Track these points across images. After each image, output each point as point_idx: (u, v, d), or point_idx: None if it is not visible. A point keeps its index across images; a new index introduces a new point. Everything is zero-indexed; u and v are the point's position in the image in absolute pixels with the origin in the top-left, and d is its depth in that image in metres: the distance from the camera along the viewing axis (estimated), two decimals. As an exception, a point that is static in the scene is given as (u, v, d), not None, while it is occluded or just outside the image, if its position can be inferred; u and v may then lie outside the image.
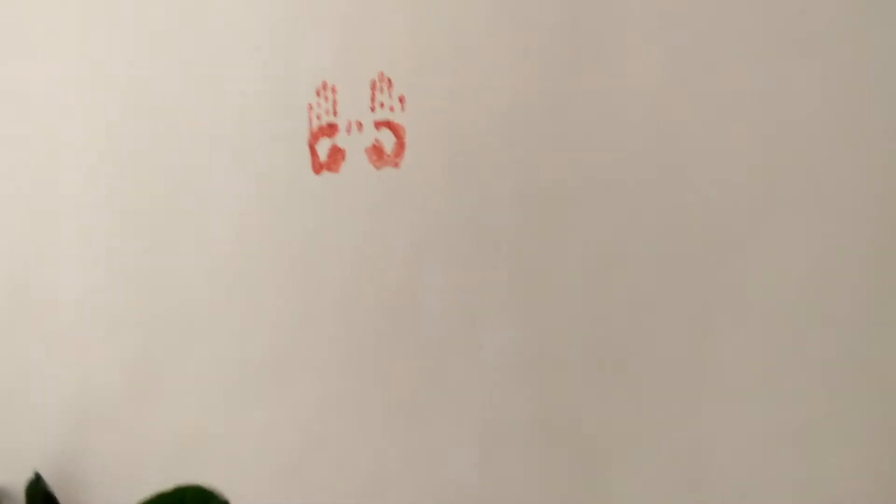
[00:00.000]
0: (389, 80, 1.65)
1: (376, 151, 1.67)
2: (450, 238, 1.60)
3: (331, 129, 1.71)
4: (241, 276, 1.81)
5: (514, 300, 1.54)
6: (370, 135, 1.67)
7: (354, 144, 1.69)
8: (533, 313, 1.52)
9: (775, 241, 1.33)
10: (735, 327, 1.36)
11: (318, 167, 1.73)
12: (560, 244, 1.51)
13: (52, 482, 1.99)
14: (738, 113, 1.36)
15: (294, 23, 1.74)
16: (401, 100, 1.64)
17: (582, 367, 1.47)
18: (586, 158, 1.48)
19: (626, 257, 1.45)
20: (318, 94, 1.72)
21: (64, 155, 2.03)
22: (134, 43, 1.93)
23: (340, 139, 1.70)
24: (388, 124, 1.65)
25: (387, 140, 1.66)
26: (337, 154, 1.71)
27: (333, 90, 1.70)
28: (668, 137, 1.42)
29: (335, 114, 1.70)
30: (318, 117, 1.72)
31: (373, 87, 1.67)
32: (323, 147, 1.72)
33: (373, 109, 1.67)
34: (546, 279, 1.51)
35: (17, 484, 2.05)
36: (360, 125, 1.68)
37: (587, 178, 1.48)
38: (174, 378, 1.88)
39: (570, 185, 1.50)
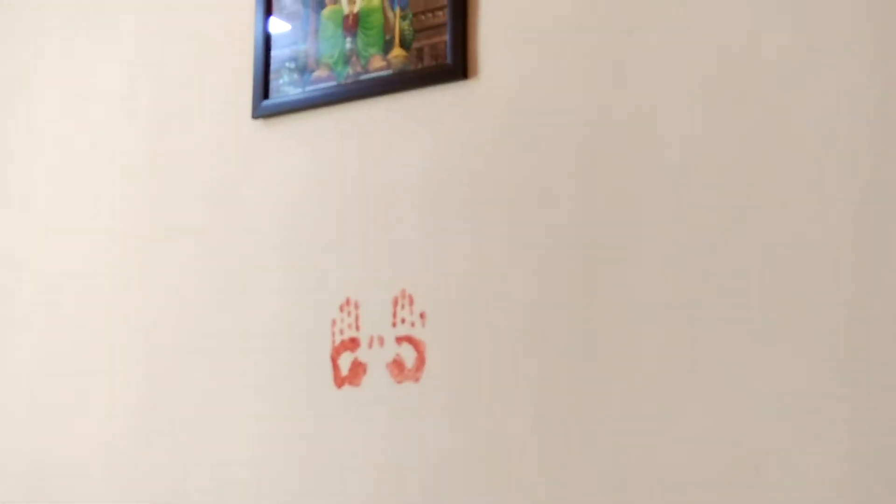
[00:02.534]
0: (411, 297, 1.70)
1: (397, 366, 1.70)
2: (470, 453, 1.60)
3: (353, 344, 1.75)
4: (263, 486, 1.80)
5: (536, 520, 1.51)
6: (391, 349, 1.71)
7: (376, 359, 1.72)
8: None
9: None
10: None
11: (339, 381, 1.75)
12: (582, 459, 1.50)
13: None
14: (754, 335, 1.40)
15: (320, 241, 1.82)
16: (422, 316, 1.69)
17: None
18: (604, 373, 1.50)
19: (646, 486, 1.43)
20: (341, 309, 1.77)
21: (90, 373, 2.07)
22: (164, 264, 2.02)
23: (362, 353, 1.74)
24: (410, 339, 1.69)
25: (408, 355, 1.69)
26: (358, 368, 1.74)
27: (357, 306, 1.76)
28: (682, 357, 1.44)
29: (358, 328, 1.75)
30: (341, 331, 1.77)
31: (395, 303, 1.72)
32: (345, 361, 1.75)
33: (394, 325, 1.71)
34: (570, 488, 1.50)
35: None
36: (381, 340, 1.72)
37: (606, 393, 1.49)
38: None
39: (589, 400, 1.51)
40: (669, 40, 1.52)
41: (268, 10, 1.96)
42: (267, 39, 1.95)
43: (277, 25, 1.95)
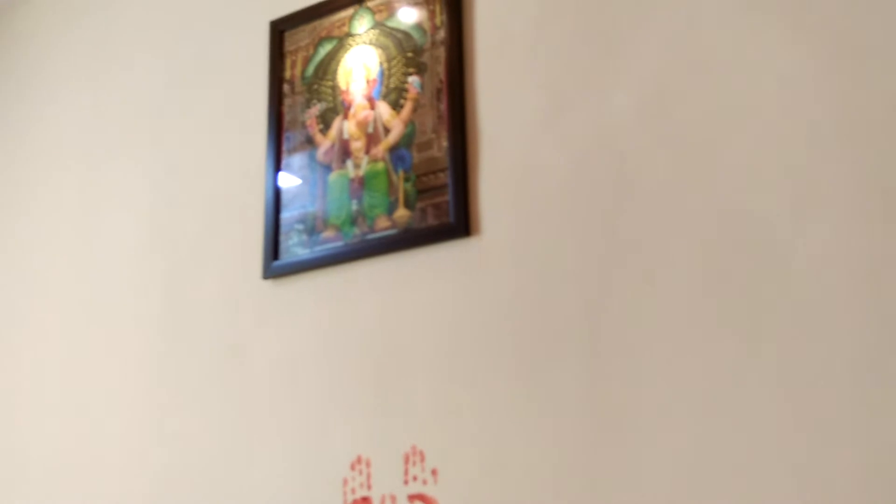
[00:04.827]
0: (422, 453, 1.70)
1: (410, 525, 1.68)
2: None
3: (365, 503, 1.73)
4: None
5: None
6: (404, 508, 1.69)
7: (388, 518, 1.70)
8: None
9: None
10: None
11: (352, 542, 1.73)
12: None
13: None
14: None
15: (330, 398, 1.84)
16: (433, 472, 1.68)
17: None
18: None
19: None
20: (352, 467, 1.77)
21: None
22: (174, 423, 2.03)
23: (375, 513, 1.72)
24: (422, 497, 1.68)
25: (420, 514, 1.67)
26: (371, 528, 1.71)
27: (368, 464, 1.75)
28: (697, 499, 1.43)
29: (369, 487, 1.74)
30: (353, 490, 1.75)
31: (406, 460, 1.71)
32: (357, 521, 1.73)
33: (406, 482, 1.70)
34: None
35: None
36: (393, 498, 1.71)
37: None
38: None
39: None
40: (663, 197, 1.58)
41: (276, 177, 2.05)
42: (277, 203, 2.03)
43: (286, 190, 2.03)
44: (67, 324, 2.31)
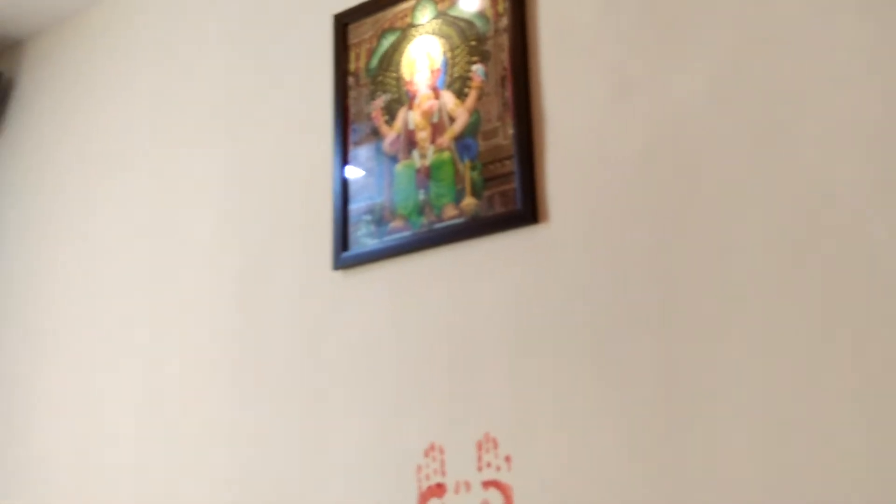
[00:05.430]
0: (495, 440, 1.71)
1: (485, 511, 1.69)
2: None
3: (439, 490, 1.75)
4: None
5: None
6: (478, 495, 1.70)
7: (463, 505, 1.72)
8: None
9: None
10: None
11: (428, 528, 1.75)
12: None
13: None
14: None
15: (402, 387, 1.86)
16: (507, 459, 1.69)
17: None
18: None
19: None
20: (426, 454, 1.79)
21: (196, 493, 2.12)
22: (250, 414, 2.08)
23: (449, 499, 1.74)
24: (496, 484, 1.69)
25: (495, 500, 1.68)
26: (446, 514, 1.73)
27: (441, 451, 1.77)
28: (772, 494, 1.41)
29: (443, 474, 1.76)
30: (427, 477, 1.78)
31: (479, 447, 1.73)
32: (432, 508, 1.76)
33: (480, 469, 1.72)
34: None
35: None
36: (468, 485, 1.72)
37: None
38: None
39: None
40: (736, 178, 1.56)
41: (344, 168, 2.07)
42: (345, 195, 2.05)
43: (354, 181, 2.06)
44: (142, 317, 2.38)
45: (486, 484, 1.70)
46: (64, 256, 2.66)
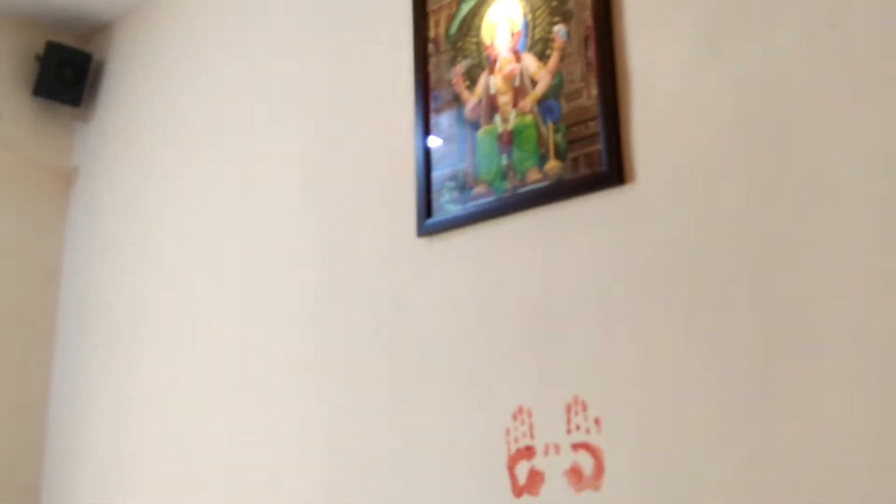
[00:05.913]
0: (584, 403, 1.70)
1: (575, 474, 1.69)
2: (658, 564, 1.55)
3: (528, 452, 1.76)
4: None
5: None
6: (568, 457, 1.70)
7: (553, 467, 1.72)
8: None
9: None
10: None
11: (517, 490, 1.76)
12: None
13: None
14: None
15: (489, 351, 1.86)
16: (596, 421, 1.68)
17: None
18: (788, 479, 1.44)
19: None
20: (514, 417, 1.79)
21: (278, 484, 2.17)
22: (337, 380, 2.11)
23: (538, 462, 1.74)
24: (586, 446, 1.69)
25: (585, 462, 1.68)
26: (536, 477, 1.74)
27: (530, 414, 1.77)
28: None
29: (532, 437, 1.76)
30: (516, 440, 1.78)
31: (567, 409, 1.72)
32: (522, 470, 1.76)
33: (569, 432, 1.71)
34: None
35: None
36: (557, 448, 1.72)
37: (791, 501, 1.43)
38: None
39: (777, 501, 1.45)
40: (833, 134, 1.50)
41: (426, 135, 2.08)
42: (427, 161, 2.06)
43: (436, 148, 2.06)
44: (231, 289, 2.44)
45: (576, 446, 1.70)
46: (153, 231, 2.74)
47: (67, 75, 3.02)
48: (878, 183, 1.44)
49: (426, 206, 2.04)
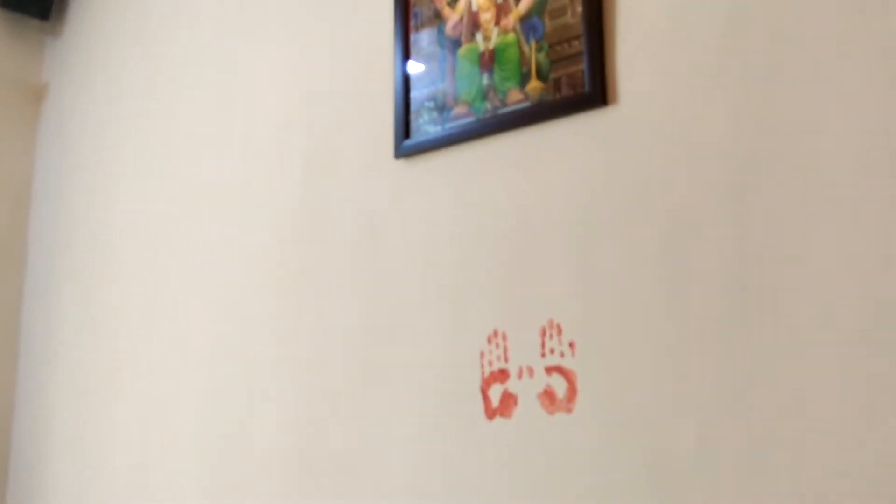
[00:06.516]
0: (559, 327, 1.69)
1: (548, 397, 1.69)
2: (629, 485, 1.56)
3: (502, 375, 1.76)
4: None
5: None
6: (542, 380, 1.70)
7: (526, 390, 1.72)
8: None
9: None
10: None
11: (490, 412, 1.76)
12: (751, 493, 1.44)
13: None
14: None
15: (466, 274, 1.84)
16: (571, 345, 1.68)
17: None
18: (766, 407, 1.44)
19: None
20: (489, 341, 1.78)
21: (251, 407, 2.17)
22: (315, 302, 2.09)
23: (512, 385, 1.74)
24: (560, 370, 1.68)
25: (558, 385, 1.68)
26: (509, 399, 1.74)
27: (504, 337, 1.76)
28: (850, 398, 1.37)
29: (506, 360, 1.75)
30: (490, 363, 1.78)
31: (542, 333, 1.71)
32: (495, 393, 1.76)
33: (543, 355, 1.71)
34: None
35: None
36: (531, 371, 1.72)
37: (771, 424, 1.43)
38: None
39: (755, 430, 1.45)
40: (826, 57, 1.46)
41: (405, 54, 2.02)
42: (406, 81, 2.01)
43: (415, 67, 2.00)
44: (204, 207, 2.40)
45: (550, 370, 1.69)
46: (126, 148, 2.68)
47: (35, -13, 2.90)
48: (868, 115, 1.41)
49: (404, 126, 2.00)
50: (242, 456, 2.15)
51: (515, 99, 1.83)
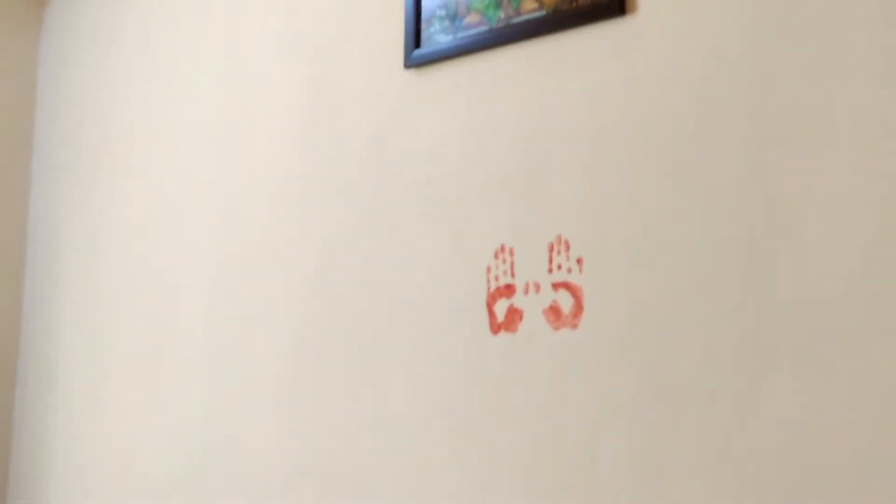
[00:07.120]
0: (567, 243, 1.67)
1: (554, 312, 1.67)
2: (631, 401, 1.56)
3: (508, 290, 1.74)
4: (418, 434, 1.83)
5: (701, 468, 1.46)
6: (548, 296, 1.68)
7: (532, 305, 1.70)
8: (723, 481, 1.43)
9: None
10: None
11: (495, 327, 1.75)
12: (753, 409, 1.43)
13: None
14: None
15: (474, 188, 1.81)
16: (578, 261, 1.65)
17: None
18: (775, 318, 1.42)
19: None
20: (496, 256, 1.76)
21: (254, 323, 2.16)
22: (321, 215, 2.07)
23: (518, 300, 1.72)
24: (566, 285, 1.66)
25: (564, 301, 1.66)
26: (514, 315, 1.72)
27: (511, 252, 1.74)
28: (865, 303, 1.34)
29: (513, 275, 1.73)
30: (496, 278, 1.76)
31: (550, 249, 1.69)
32: (500, 308, 1.74)
33: (550, 271, 1.69)
34: (737, 445, 1.43)
35: None
36: (537, 286, 1.70)
37: (780, 337, 1.42)
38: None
39: (760, 345, 1.44)
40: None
41: (418, -41, 1.95)
42: (418, -12, 1.94)
43: (428, -27, 1.94)
44: (210, 119, 2.36)
45: (556, 285, 1.67)
46: (132, 59, 2.62)
47: None
48: (892, 28, 1.36)
49: (415, 36, 1.94)
50: (246, 368, 2.15)
51: (530, 7, 1.77)
